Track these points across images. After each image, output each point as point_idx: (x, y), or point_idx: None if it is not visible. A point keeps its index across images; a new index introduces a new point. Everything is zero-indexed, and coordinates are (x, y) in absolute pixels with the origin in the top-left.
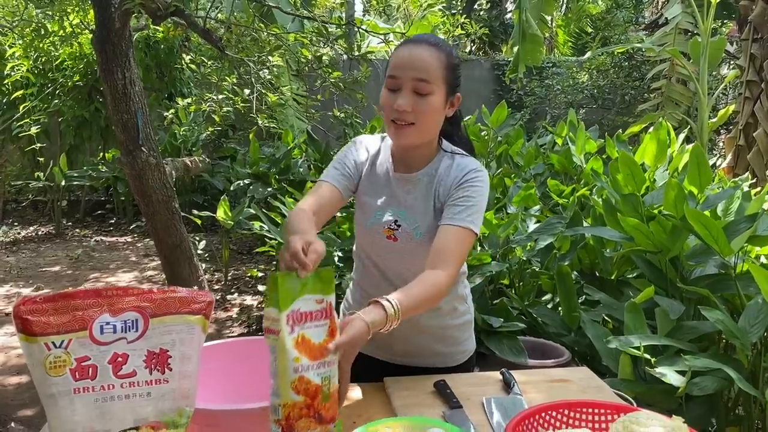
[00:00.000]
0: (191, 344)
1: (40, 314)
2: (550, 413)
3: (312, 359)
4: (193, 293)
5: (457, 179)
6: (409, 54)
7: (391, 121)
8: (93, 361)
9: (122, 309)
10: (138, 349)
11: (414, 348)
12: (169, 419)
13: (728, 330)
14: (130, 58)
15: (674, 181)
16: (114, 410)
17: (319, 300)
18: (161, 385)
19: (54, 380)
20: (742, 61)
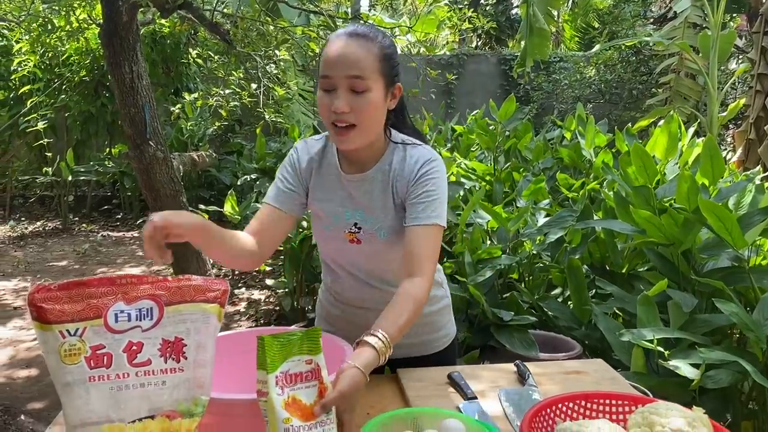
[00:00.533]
0: (206, 333)
1: (54, 302)
2: (567, 404)
3: (304, 420)
4: (208, 281)
5: (413, 174)
6: (339, 50)
7: (332, 124)
8: (108, 350)
9: (137, 297)
10: (153, 337)
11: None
12: (184, 408)
13: (743, 323)
14: (137, 52)
15: (687, 173)
16: (129, 399)
17: (308, 361)
18: (176, 374)
19: (69, 368)
20: (753, 54)
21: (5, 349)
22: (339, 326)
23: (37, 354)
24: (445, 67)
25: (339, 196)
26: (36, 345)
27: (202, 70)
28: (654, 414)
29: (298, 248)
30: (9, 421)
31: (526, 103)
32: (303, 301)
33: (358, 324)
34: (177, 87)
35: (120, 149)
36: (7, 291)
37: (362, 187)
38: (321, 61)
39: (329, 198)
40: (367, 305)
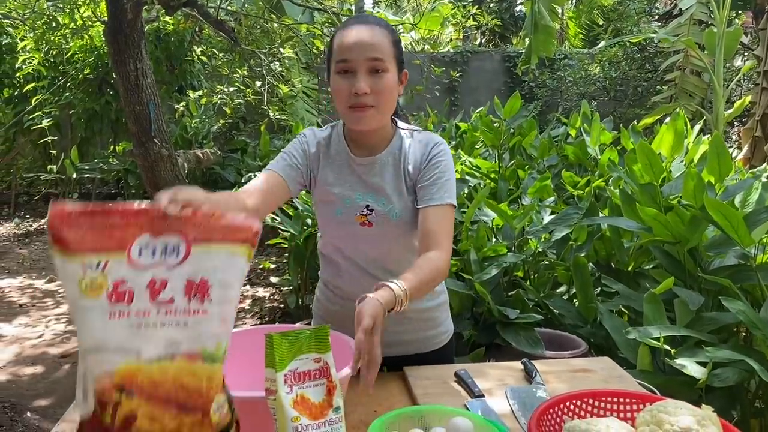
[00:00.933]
0: (233, 275)
1: (76, 229)
2: (575, 402)
3: (312, 419)
4: (239, 221)
5: (424, 156)
6: (358, 35)
7: (349, 108)
8: (130, 285)
9: (163, 231)
10: (178, 275)
11: (397, 337)
12: (205, 351)
13: (750, 321)
14: (142, 50)
15: (694, 170)
16: (148, 337)
17: (317, 359)
18: (199, 315)
19: (89, 302)
20: (760, 51)
21: (11, 346)
22: (338, 323)
23: (42, 351)
24: (449, 64)
25: (350, 179)
26: (41, 342)
27: (207, 68)
28: (663, 412)
29: (303, 246)
30: (15, 418)
31: (531, 100)
32: (308, 299)
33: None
34: (181, 84)
35: (124, 147)
36: (12, 288)
37: (373, 169)
38: (335, 48)
39: (340, 182)
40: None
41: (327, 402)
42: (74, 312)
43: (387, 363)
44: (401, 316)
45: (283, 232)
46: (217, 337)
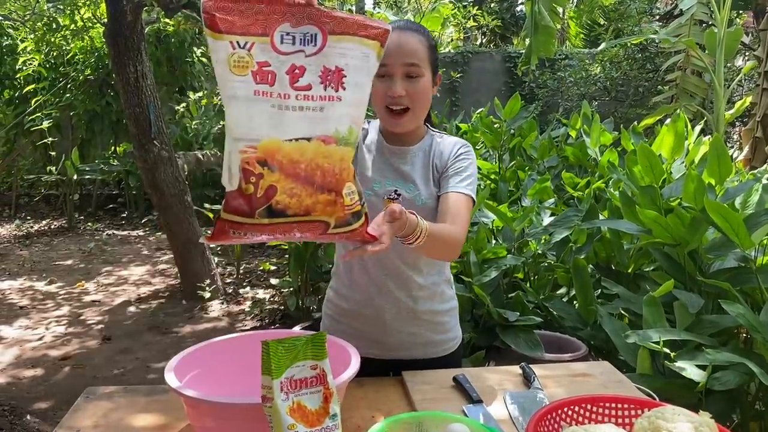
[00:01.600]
0: (365, 69)
1: (226, 12)
2: (573, 408)
3: (308, 426)
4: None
5: (452, 152)
6: (396, 41)
7: (386, 108)
8: (272, 68)
9: (302, 21)
10: (315, 63)
11: (409, 338)
12: (339, 134)
13: (750, 324)
14: (141, 52)
15: (694, 173)
16: (288, 119)
17: (313, 366)
18: (334, 102)
19: (237, 79)
20: (760, 51)
21: (11, 348)
22: (348, 321)
23: (42, 354)
24: (450, 64)
25: (381, 165)
26: (41, 345)
27: (207, 69)
28: (660, 419)
29: (303, 247)
30: (15, 421)
31: (531, 100)
32: (308, 301)
33: (368, 316)
34: (182, 86)
35: (125, 148)
36: (13, 290)
37: (405, 158)
38: None
39: (372, 167)
40: (383, 290)
41: (324, 409)
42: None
43: (397, 366)
44: (414, 317)
45: None
46: (350, 121)
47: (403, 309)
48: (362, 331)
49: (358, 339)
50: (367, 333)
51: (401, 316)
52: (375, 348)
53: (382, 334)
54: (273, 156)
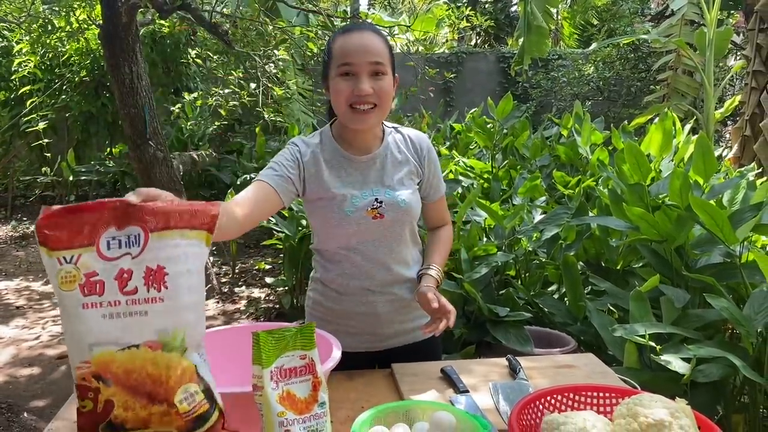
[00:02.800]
0: (192, 261)
1: (55, 228)
2: (556, 397)
3: (298, 413)
4: (198, 206)
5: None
6: (361, 40)
7: (350, 107)
8: (101, 277)
9: (125, 222)
10: (140, 265)
11: (401, 326)
12: (164, 339)
13: (734, 318)
14: (136, 53)
15: (680, 170)
16: (120, 327)
17: (302, 356)
18: (156, 303)
19: (66, 294)
20: (749, 51)
21: (8, 348)
22: (342, 321)
23: (39, 353)
24: (444, 65)
25: (352, 178)
26: (37, 344)
27: (202, 70)
28: (638, 405)
29: (298, 246)
30: (12, 418)
31: (525, 100)
32: (302, 299)
33: (362, 313)
34: (177, 87)
35: (121, 149)
36: (9, 290)
37: (374, 165)
38: (337, 52)
39: (343, 183)
40: (373, 287)
41: (312, 397)
42: (60, 312)
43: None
44: (404, 306)
45: (278, 233)
46: (173, 325)
47: (395, 301)
48: (356, 327)
49: (352, 336)
50: (360, 329)
51: (393, 308)
52: (368, 342)
53: (377, 327)
54: (107, 368)
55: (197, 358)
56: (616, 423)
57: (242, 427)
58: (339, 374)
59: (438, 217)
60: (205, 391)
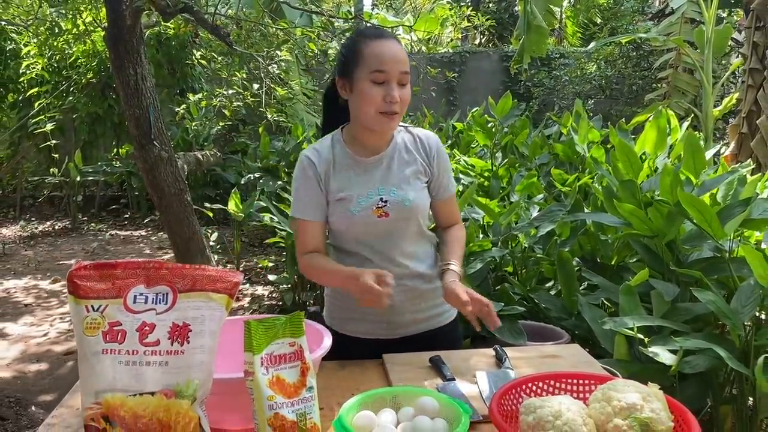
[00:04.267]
0: (212, 320)
1: (86, 280)
2: (537, 383)
3: (287, 397)
4: (221, 273)
5: (432, 151)
6: (392, 50)
7: (380, 113)
8: (123, 327)
9: (156, 282)
10: (165, 320)
11: (415, 316)
12: (178, 388)
13: (720, 310)
14: (141, 55)
15: (669, 167)
16: (136, 374)
17: (291, 343)
18: (177, 356)
19: (88, 339)
20: (745, 49)
21: (16, 344)
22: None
23: (46, 349)
24: (448, 64)
25: (361, 179)
26: (45, 341)
27: (206, 71)
28: (612, 390)
29: None
30: (20, 412)
31: (528, 99)
32: (304, 296)
33: None
34: (182, 87)
35: (127, 149)
36: (18, 289)
37: (381, 165)
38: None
39: (351, 184)
40: None
41: (301, 382)
42: (78, 355)
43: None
44: (418, 296)
45: (280, 231)
46: (188, 375)
47: (408, 292)
48: (371, 315)
49: (368, 323)
50: (375, 317)
51: (406, 298)
52: (383, 329)
53: (391, 315)
54: (116, 411)
55: (200, 412)
56: (591, 407)
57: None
58: (332, 363)
59: (448, 216)
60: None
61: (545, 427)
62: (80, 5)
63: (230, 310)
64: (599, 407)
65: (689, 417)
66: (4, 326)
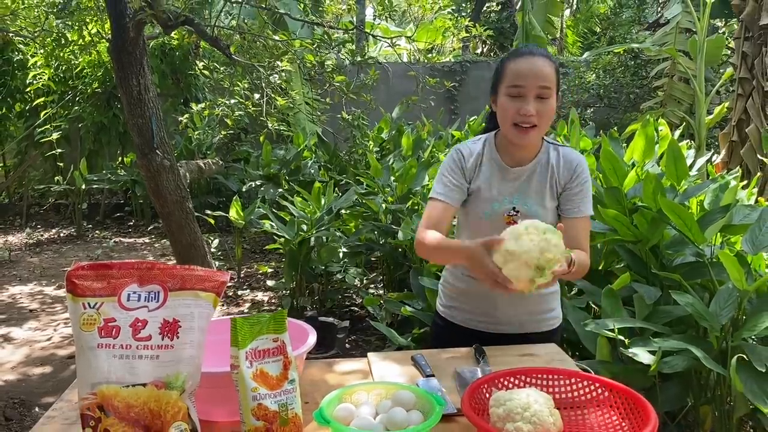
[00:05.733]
0: (201, 317)
1: (84, 279)
2: (509, 378)
3: (270, 389)
4: (210, 273)
5: (572, 171)
6: (531, 65)
7: (513, 125)
8: (118, 323)
9: (148, 281)
10: (156, 317)
11: (516, 317)
12: (168, 380)
13: (698, 312)
14: (144, 66)
15: (652, 174)
16: (129, 367)
17: (275, 339)
18: (167, 350)
19: (84, 334)
20: (735, 59)
21: (21, 348)
22: (462, 299)
23: (50, 353)
24: (449, 74)
25: (500, 185)
26: (49, 345)
27: (210, 82)
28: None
29: (297, 250)
30: (24, 413)
31: None
32: (301, 301)
33: (483, 294)
34: (186, 97)
35: (132, 158)
36: (23, 295)
37: (522, 176)
38: (508, 73)
39: (492, 187)
40: None
41: (283, 375)
42: (76, 349)
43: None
44: (522, 299)
45: (278, 237)
46: (177, 368)
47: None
48: (474, 307)
49: (469, 313)
50: (478, 310)
51: (511, 298)
52: (483, 323)
53: (492, 309)
54: (110, 401)
55: (189, 403)
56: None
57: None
58: (320, 362)
59: (575, 238)
60: (193, 429)
61: (515, 419)
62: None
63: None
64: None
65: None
66: (10, 331)
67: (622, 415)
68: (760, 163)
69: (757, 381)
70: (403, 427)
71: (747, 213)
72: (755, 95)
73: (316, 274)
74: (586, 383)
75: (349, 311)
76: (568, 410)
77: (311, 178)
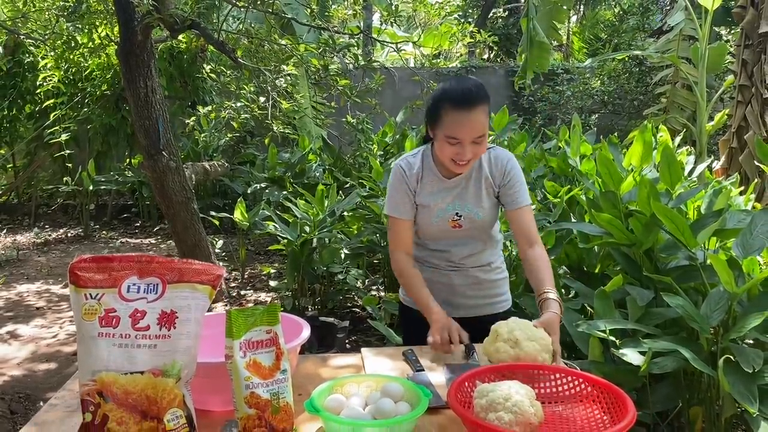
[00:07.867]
0: (197, 309)
1: (86, 271)
2: (494, 373)
3: (262, 378)
4: (206, 266)
5: (505, 171)
6: (468, 121)
7: (451, 160)
8: (118, 313)
9: (148, 274)
10: (155, 308)
11: (473, 301)
12: (165, 368)
13: (688, 314)
14: (151, 69)
15: (646, 178)
16: (128, 355)
17: (268, 330)
18: (165, 340)
19: (85, 324)
20: (735, 66)
21: (28, 345)
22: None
23: (56, 350)
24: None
25: (441, 194)
26: (55, 342)
27: (217, 85)
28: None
29: (299, 251)
30: (29, 407)
31: (533, 114)
32: (303, 301)
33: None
34: (193, 100)
35: (139, 160)
36: (30, 293)
37: (460, 185)
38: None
39: (434, 197)
40: (449, 268)
41: (275, 365)
42: (78, 338)
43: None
44: (477, 283)
45: (282, 238)
46: (174, 357)
47: (469, 278)
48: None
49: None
50: (438, 296)
51: (467, 283)
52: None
53: (451, 296)
54: (109, 388)
55: (185, 390)
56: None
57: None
58: (315, 357)
59: (524, 229)
60: (188, 418)
61: (496, 409)
62: (96, 20)
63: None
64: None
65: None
66: (17, 328)
67: (604, 410)
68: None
69: (744, 382)
70: (390, 417)
71: (742, 218)
72: (754, 102)
73: (318, 275)
74: (569, 379)
75: (350, 312)
76: (552, 405)
77: (316, 181)
